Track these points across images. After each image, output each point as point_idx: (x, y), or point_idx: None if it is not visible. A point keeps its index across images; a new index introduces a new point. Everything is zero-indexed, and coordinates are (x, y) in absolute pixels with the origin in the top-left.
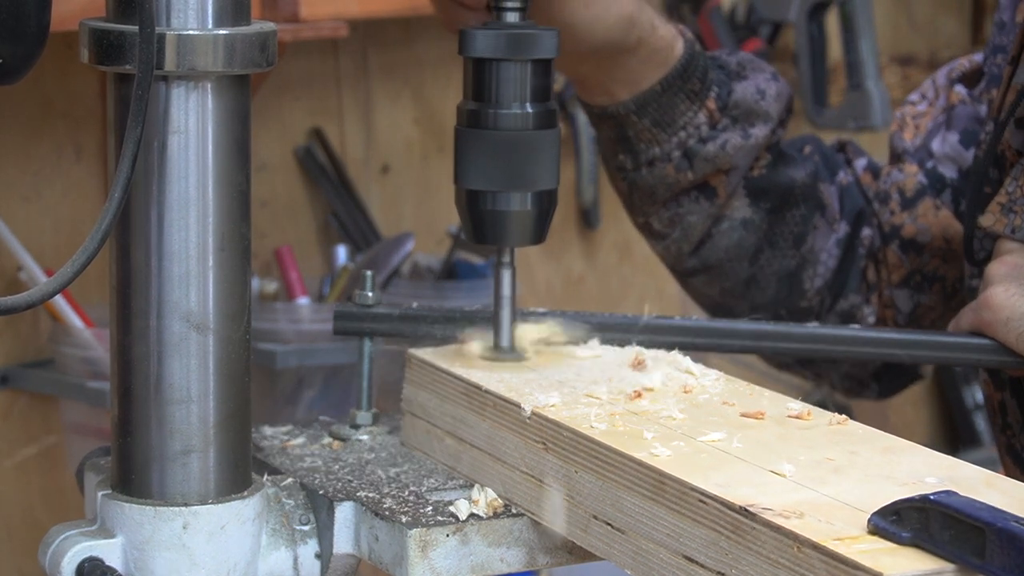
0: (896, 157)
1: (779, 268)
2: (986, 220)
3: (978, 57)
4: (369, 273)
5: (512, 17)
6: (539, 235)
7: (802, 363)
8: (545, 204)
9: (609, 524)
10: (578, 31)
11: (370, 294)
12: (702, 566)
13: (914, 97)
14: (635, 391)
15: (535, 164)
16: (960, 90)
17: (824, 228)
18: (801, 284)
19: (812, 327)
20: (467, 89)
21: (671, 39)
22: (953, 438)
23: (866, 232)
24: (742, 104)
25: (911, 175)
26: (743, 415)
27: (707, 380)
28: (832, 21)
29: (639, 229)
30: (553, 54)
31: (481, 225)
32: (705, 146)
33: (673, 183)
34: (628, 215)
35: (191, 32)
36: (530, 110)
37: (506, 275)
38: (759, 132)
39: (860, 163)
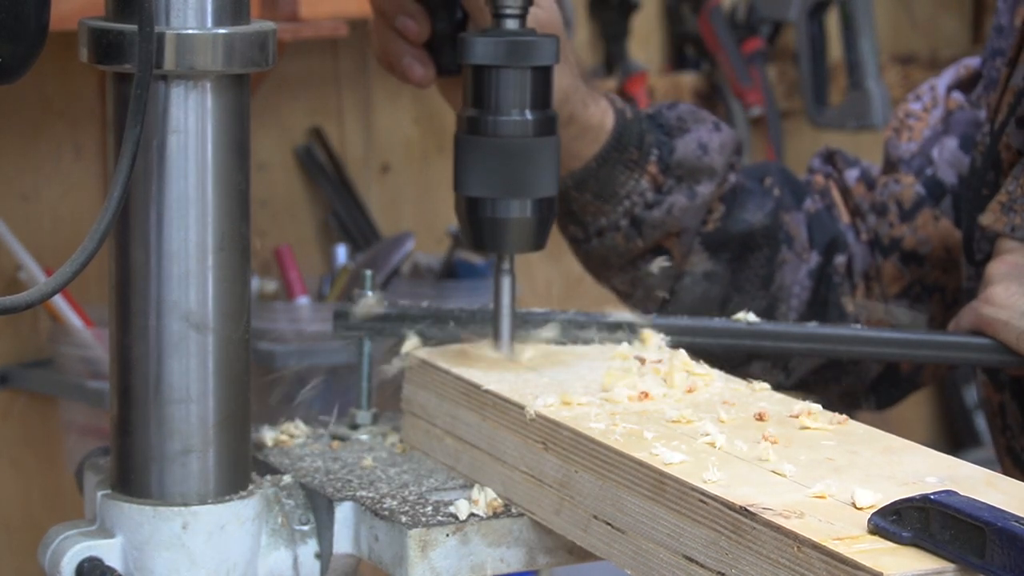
0: (891, 166)
1: (751, 310)
2: (986, 219)
3: (975, 62)
4: (369, 273)
5: (511, 24)
6: (539, 242)
7: (799, 385)
8: (545, 211)
9: (609, 524)
10: None
11: (370, 294)
12: (702, 566)
13: (911, 96)
14: (636, 391)
15: (535, 171)
16: (957, 96)
17: (793, 260)
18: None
19: (812, 327)
20: (466, 96)
21: (602, 115)
22: (953, 438)
23: (840, 259)
24: (685, 163)
25: (908, 186)
26: (744, 415)
27: (708, 380)
28: (832, 20)
29: (607, 289)
30: (553, 60)
31: (481, 232)
32: (651, 212)
33: (625, 251)
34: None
35: (190, 31)
36: (530, 117)
37: (506, 282)
38: (705, 189)
39: (851, 174)
